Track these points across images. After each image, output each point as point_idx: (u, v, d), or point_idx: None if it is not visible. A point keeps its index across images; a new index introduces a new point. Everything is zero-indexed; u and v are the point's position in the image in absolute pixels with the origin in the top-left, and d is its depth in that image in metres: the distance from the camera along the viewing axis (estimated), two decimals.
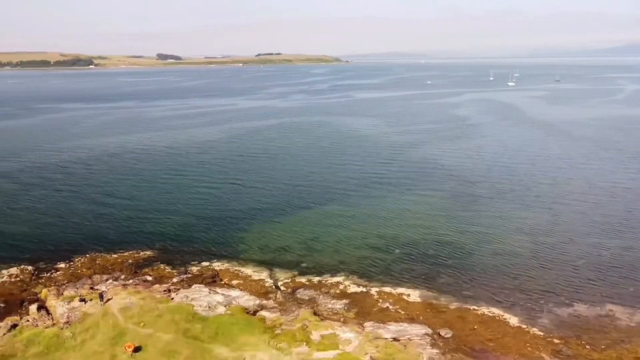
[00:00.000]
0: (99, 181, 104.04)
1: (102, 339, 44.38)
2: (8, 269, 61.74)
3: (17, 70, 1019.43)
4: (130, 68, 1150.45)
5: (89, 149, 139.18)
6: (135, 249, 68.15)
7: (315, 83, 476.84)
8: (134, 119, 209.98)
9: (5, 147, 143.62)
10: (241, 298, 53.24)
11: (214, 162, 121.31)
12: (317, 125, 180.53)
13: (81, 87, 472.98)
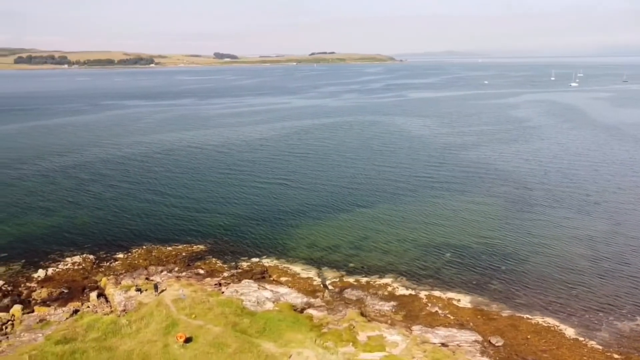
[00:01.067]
0: (155, 176, 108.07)
1: (156, 328, 46.06)
2: (72, 257, 65.33)
3: (84, 69, 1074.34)
4: (188, 67, 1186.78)
5: (147, 145, 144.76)
6: (189, 242, 70.34)
7: (368, 82, 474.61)
8: (190, 116, 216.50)
9: (72, 142, 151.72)
10: (289, 295, 53.83)
11: (264, 160, 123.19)
12: (368, 125, 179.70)
13: (142, 84, 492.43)
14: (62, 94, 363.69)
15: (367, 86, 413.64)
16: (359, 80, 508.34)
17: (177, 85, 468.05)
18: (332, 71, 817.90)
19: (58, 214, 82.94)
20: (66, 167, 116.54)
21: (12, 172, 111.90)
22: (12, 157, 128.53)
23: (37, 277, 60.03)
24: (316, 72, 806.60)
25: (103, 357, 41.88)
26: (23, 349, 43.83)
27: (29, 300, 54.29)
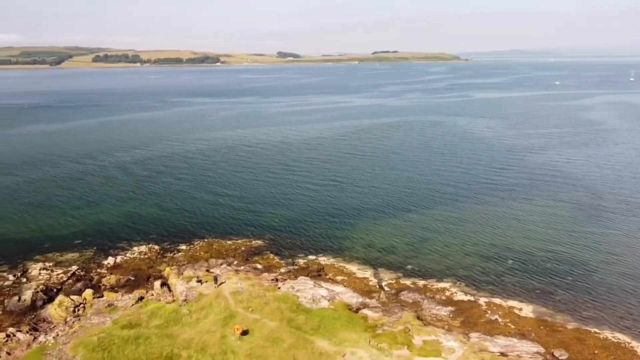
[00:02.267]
0: (217, 172, 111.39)
1: (214, 319, 47.49)
2: (139, 247, 68.61)
3: (155, 67, 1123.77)
4: (252, 65, 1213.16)
5: (210, 142, 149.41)
6: (248, 237, 71.96)
7: (431, 82, 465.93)
8: (252, 114, 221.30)
9: (141, 137, 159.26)
10: (345, 294, 53.85)
11: (322, 158, 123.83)
12: (429, 126, 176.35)
13: (208, 83, 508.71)
14: (134, 91, 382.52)
15: (430, 86, 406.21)
16: (421, 80, 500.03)
17: (240, 84, 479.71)
18: (394, 70, 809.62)
19: (127, 205, 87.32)
20: (135, 161, 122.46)
21: (87, 165, 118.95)
22: (88, 150, 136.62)
23: (107, 264, 63.54)
24: (378, 71, 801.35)
25: (164, 343, 43.67)
26: (93, 331, 46.54)
27: (99, 285, 57.55)
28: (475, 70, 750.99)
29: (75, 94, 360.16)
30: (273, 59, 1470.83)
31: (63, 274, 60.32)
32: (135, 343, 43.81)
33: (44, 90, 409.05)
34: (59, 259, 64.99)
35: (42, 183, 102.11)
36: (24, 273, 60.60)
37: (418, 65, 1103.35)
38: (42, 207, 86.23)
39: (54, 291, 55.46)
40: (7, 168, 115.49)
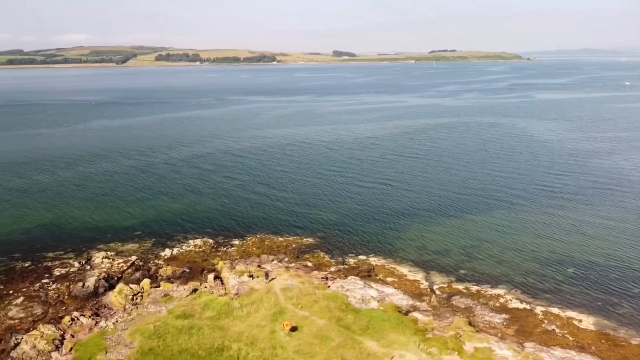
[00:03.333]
0: (270, 169, 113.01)
1: (264, 314, 48.23)
2: (194, 240, 70.74)
3: (213, 66, 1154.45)
4: (307, 64, 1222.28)
5: (264, 139, 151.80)
6: (299, 235, 72.58)
7: (490, 82, 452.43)
8: (306, 112, 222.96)
9: (198, 134, 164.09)
10: (395, 296, 53.29)
11: (375, 158, 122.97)
12: (487, 127, 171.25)
13: (264, 81, 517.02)
14: (193, 89, 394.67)
15: (489, 86, 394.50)
16: (480, 80, 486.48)
17: (295, 82, 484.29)
18: (452, 69, 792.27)
19: (184, 199, 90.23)
20: (192, 157, 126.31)
21: (147, 160, 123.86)
22: (148, 145, 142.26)
23: (164, 255, 65.92)
24: (435, 70, 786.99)
25: (216, 335, 44.80)
26: (149, 319, 48.42)
27: (156, 275, 59.80)
28: (539, 70, 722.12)
29: (138, 91, 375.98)
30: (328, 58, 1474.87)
31: (123, 263, 63.14)
32: (188, 333, 45.20)
33: (110, 87, 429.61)
34: (120, 249, 68.08)
35: (105, 176, 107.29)
36: (88, 261, 63.91)
37: (477, 64, 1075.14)
38: (105, 199, 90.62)
39: (115, 279, 58.13)
40: (74, 161, 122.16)
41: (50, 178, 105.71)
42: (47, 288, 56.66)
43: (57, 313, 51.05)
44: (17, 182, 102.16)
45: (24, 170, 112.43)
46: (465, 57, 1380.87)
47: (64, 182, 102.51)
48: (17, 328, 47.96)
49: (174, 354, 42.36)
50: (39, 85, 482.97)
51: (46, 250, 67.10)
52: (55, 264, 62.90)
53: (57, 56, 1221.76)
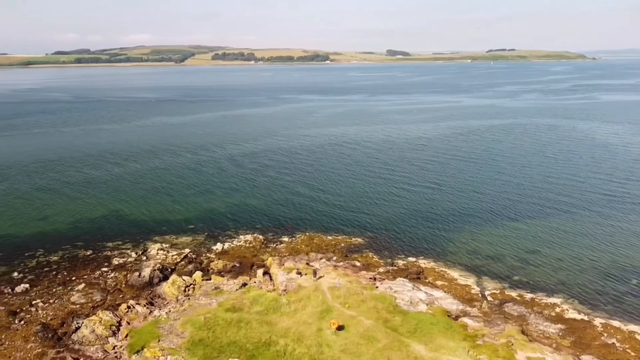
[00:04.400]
0: (320, 168, 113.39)
1: (311, 312, 48.45)
2: (245, 236, 72.09)
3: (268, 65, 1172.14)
4: (360, 63, 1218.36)
5: (315, 138, 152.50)
6: (348, 234, 72.46)
7: (551, 82, 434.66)
8: (357, 112, 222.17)
9: (251, 131, 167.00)
10: (444, 300, 52.21)
11: (426, 160, 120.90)
12: (546, 129, 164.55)
13: (316, 80, 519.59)
14: (248, 88, 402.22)
15: (550, 86, 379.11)
16: (541, 80, 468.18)
17: (348, 82, 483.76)
18: (511, 69, 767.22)
19: (236, 196, 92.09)
20: (244, 154, 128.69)
21: (201, 156, 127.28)
22: (202, 142, 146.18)
23: (215, 249, 67.55)
24: (493, 70, 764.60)
25: (263, 330, 45.44)
26: (200, 311, 49.75)
27: (208, 269, 61.37)
28: (604, 70, 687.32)
29: (195, 89, 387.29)
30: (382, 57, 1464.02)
31: (177, 256, 65.20)
32: (237, 326, 46.09)
33: (168, 85, 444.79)
34: (174, 241, 70.35)
35: (161, 171, 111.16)
36: (144, 252, 66.45)
37: (538, 64, 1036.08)
38: (161, 193, 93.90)
39: (168, 270, 60.11)
40: (133, 156, 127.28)
41: (111, 172, 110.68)
42: (106, 276, 59.38)
43: (114, 300, 53.39)
44: (81, 175, 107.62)
45: (88, 164, 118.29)
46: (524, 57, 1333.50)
47: (124, 176, 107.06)
48: (78, 312, 50.53)
49: (223, 345, 43.31)
50: (103, 83, 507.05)
51: (106, 241, 70.36)
52: (114, 254, 65.81)
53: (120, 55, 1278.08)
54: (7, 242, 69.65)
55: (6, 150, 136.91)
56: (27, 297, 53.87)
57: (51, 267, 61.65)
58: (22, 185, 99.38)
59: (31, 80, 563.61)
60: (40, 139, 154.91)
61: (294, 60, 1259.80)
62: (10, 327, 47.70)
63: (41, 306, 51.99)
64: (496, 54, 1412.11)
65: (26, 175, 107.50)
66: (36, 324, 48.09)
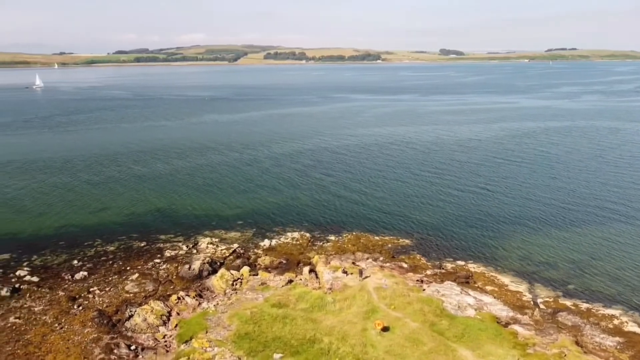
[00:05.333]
0: (368, 168, 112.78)
1: (356, 311, 48.29)
2: (292, 233, 72.72)
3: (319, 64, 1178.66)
4: (412, 63, 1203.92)
5: (364, 137, 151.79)
6: (395, 235, 71.71)
7: (615, 83, 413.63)
8: (407, 112, 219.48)
9: (300, 130, 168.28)
10: (494, 305, 50.73)
11: (477, 161, 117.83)
12: (607, 132, 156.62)
13: (367, 80, 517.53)
14: (298, 87, 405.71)
15: (613, 87, 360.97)
16: (603, 81, 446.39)
17: (399, 81, 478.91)
18: (571, 69, 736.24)
19: (284, 193, 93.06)
20: (293, 153, 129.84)
21: (250, 154, 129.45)
22: (252, 140, 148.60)
23: (263, 245, 68.52)
24: (551, 70, 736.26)
25: (308, 327, 45.68)
26: (247, 305, 50.62)
27: (255, 264, 62.33)
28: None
29: (246, 88, 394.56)
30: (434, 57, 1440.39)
31: (226, 250, 66.60)
32: (282, 322, 46.57)
33: (221, 84, 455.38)
34: (223, 236, 71.90)
35: (212, 167, 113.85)
36: (194, 245, 68.30)
37: (601, 64, 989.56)
38: (212, 189, 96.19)
39: (217, 264, 61.48)
40: (186, 152, 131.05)
41: (165, 167, 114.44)
42: (158, 267, 61.46)
43: (165, 291, 55.15)
44: (137, 170, 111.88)
45: (143, 159, 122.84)
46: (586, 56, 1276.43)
47: (177, 171, 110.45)
48: (131, 301, 52.55)
49: (268, 340, 43.87)
50: (159, 81, 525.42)
51: (159, 233, 72.80)
52: (167, 246, 68.00)
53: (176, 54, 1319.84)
54: (69, 232, 73.38)
55: (69, 144, 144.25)
56: (85, 284, 56.55)
57: (108, 257, 64.46)
58: (83, 178, 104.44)
59: (93, 79, 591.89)
60: (99, 135, 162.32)
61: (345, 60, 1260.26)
62: (69, 311, 50.22)
63: (98, 293, 54.43)
64: (555, 54, 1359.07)
65: (87, 169, 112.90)
66: (93, 310, 50.39)
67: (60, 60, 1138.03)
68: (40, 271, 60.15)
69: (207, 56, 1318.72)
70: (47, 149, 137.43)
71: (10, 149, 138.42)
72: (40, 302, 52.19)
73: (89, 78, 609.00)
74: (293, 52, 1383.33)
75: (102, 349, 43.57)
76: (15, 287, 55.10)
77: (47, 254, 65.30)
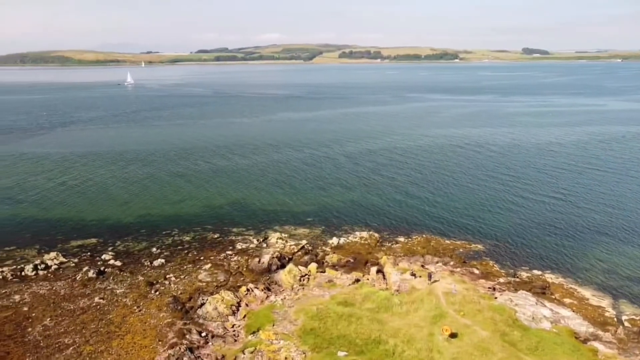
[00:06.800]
0: (441, 169, 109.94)
1: (424, 315, 47.29)
2: (360, 232, 72.49)
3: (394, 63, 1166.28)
4: (492, 62, 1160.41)
5: (438, 138, 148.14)
6: (467, 240, 69.47)
7: None
8: (486, 113, 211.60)
9: (373, 129, 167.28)
10: (572, 320, 47.78)
11: (559, 167, 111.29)
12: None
13: (444, 79, 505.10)
14: (372, 86, 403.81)
15: None
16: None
17: (478, 81, 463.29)
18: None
19: (353, 192, 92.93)
20: (364, 152, 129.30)
21: (322, 151, 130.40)
22: (324, 138, 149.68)
23: (331, 243, 68.85)
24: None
25: (373, 327, 45.34)
26: (313, 301, 51.10)
27: (323, 262, 62.77)
28: None
29: (321, 86, 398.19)
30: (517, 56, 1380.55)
31: (294, 246, 67.60)
32: (348, 320, 46.56)
33: (296, 82, 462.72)
34: (293, 232, 73.03)
35: (284, 164, 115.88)
36: (264, 240, 69.94)
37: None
38: (283, 185, 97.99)
39: (286, 259, 62.56)
40: (259, 149, 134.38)
41: (239, 162, 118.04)
42: (229, 259, 63.55)
43: (236, 282, 56.92)
44: (212, 164, 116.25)
45: (219, 154, 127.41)
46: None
47: (250, 166, 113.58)
48: (204, 290, 54.74)
49: (333, 337, 44.03)
50: (237, 79, 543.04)
51: (232, 226, 75.25)
52: (238, 239, 70.15)
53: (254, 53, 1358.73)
54: (150, 220, 77.66)
55: (153, 138, 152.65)
56: (163, 271, 59.61)
57: (184, 246, 67.55)
58: (163, 170, 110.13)
59: (177, 76, 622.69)
60: (180, 130, 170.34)
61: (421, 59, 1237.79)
62: (147, 296, 53.15)
63: (173, 280, 57.19)
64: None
65: (167, 161, 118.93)
66: (168, 295, 53.02)
67: (147, 58, 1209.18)
68: (123, 256, 64.21)
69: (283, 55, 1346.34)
70: (132, 141, 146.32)
71: (100, 141, 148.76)
72: (122, 285, 55.64)
73: (173, 76, 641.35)
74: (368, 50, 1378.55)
75: (175, 334, 45.71)
76: (100, 269, 59.14)
77: (129, 240, 69.56)
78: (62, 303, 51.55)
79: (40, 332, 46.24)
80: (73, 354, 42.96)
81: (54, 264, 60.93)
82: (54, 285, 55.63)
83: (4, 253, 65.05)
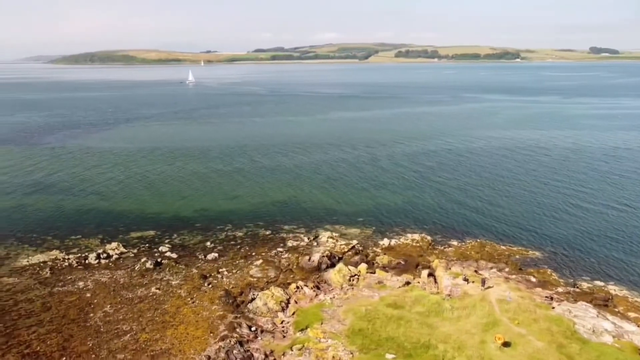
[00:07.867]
0: (497, 173, 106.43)
1: (475, 322, 46.02)
2: (412, 234, 71.46)
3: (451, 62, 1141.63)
4: (556, 62, 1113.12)
5: (496, 140, 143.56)
6: (524, 246, 67.03)
7: None
8: (548, 115, 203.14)
9: (428, 129, 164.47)
10: (637, 335, 45.02)
11: (625, 174, 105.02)
12: None
13: (504, 79, 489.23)
14: (429, 85, 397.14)
15: None
16: None
17: (540, 82, 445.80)
18: None
19: (407, 193, 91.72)
20: (418, 153, 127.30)
21: (374, 151, 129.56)
22: (378, 138, 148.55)
23: (382, 244, 68.30)
24: None
25: (423, 331, 44.58)
26: (362, 302, 50.89)
27: (373, 262, 62.37)
28: None
29: (376, 86, 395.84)
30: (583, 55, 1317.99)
31: (345, 246, 67.55)
32: (397, 323, 46.03)
33: (351, 82, 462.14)
34: (343, 232, 72.99)
35: (337, 163, 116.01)
36: (315, 238, 70.31)
37: None
38: (335, 184, 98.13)
39: (336, 259, 62.60)
40: (313, 147, 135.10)
41: (292, 160, 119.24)
42: (280, 256, 64.35)
43: (286, 279, 57.55)
44: (266, 162, 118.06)
45: (273, 152, 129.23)
46: None
47: (302, 165, 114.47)
48: (255, 285, 55.72)
49: (381, 339, 43.66)
50: (293, 78, 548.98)
51: (283, 223, 76.14)
52: (289, 237, 70.91)
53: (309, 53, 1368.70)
54: (205, 215, 79.90)
55: (210, 135, 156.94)
56: (216, 265, 61.19)
57: (236, 241, 69.04)
58: (219, 166, 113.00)
59: (235, 75, 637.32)
60: (236, 127, 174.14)
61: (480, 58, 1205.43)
62: (200, 288, 54.72)
63: (226, 274, 58.56)
64: None
65: (223, 157, 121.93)
66: (220, 289, 54.35)
67: (206, 58, 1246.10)
68: (178, 249, 66.44)
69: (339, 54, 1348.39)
70: (189, 138, 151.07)
71: (159, 137, 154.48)
72: (177, 277, 57.57)
73: (230, 75, 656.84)
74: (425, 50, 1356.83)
75: (226, 327, 46.79)
76: (157, 261, 61.44)
77: (185, 234, 71.86)
78: (122, 291, 53.96)
79: (101, 317, 48.60)
80: (130, 340, 44.87)
81: (115, 254, 63.88)
82: (114, 274, 58.32)
83: (71, 242, 68.93)
